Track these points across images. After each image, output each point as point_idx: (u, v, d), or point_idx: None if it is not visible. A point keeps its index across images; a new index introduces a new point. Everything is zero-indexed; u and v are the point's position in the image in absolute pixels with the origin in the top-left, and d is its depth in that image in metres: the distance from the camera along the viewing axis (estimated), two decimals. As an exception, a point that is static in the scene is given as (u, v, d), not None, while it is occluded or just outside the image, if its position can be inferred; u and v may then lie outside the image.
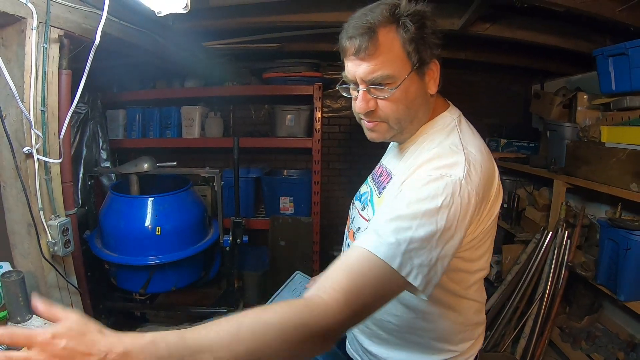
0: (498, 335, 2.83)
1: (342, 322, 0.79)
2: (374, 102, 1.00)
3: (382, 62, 0.95)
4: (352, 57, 0.98)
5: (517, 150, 3.60)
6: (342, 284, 0.80)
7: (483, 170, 0.95)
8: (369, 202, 1.15)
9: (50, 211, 1.62)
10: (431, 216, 0.86)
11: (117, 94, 3.60)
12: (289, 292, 1.44)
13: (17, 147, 1.48)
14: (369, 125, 1.06)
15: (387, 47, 0.95)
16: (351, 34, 0.96)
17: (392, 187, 1.05)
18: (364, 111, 1.01)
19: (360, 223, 1.14)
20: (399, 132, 1.06)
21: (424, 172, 0.93)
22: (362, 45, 0.94)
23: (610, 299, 2.67)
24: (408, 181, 0.95)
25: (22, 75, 1.47)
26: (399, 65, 0.96)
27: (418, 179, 0.92)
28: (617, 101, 2.39)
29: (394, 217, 0.87)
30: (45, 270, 1.60)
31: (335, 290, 0.79)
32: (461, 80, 4.00)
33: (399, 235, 0.84)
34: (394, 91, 0.97)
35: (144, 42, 2.26)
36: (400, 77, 0.96)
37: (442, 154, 0.96)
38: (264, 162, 4.10)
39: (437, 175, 0.90)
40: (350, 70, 1.00)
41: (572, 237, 2.68)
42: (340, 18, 2.45)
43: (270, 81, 3.50)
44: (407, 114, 1.02)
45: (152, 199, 2.41)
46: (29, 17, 1.44)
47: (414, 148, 1.08)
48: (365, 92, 0.99)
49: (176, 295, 3.23)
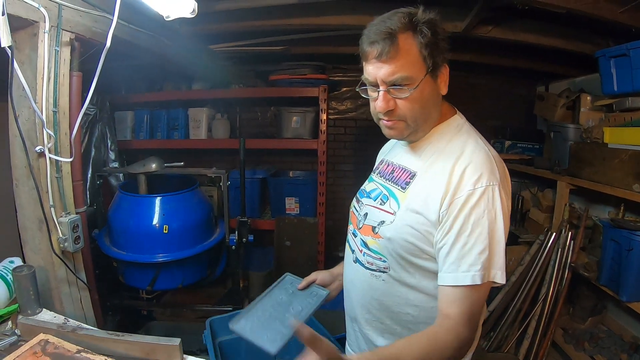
0: (501, 336, 2.83)
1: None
2: (393, 102, 1.08)
3: (401, 65, 1.04)
4: (374, 60, 1.06)
5: (521, 152, 3.60)
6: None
7: (504, 166, 1.13)
8: (391, 196, 1.20)
9: (61, 208, 1.66)
10: (494, 230, 1.03)
11: (125, 96, 3.67)
12: (280, 291, 1.41)
13: (29, 146, 1.52)
14: (387, 123, 1.14)
15: (406, 51, 1.04)
16: (373, 39, 1.04)
17: (427, 189, 1.12)
18: (385, 110, 1.09)
19: (382, 217, 1.18)
20: (415, 130, 1.15)
21: (467, 187, 1.04)
22: (385, 49, 1.02)
23: (613, 301, 2.66)
24: (460, 205, 1.04)
25: (34, 77, 1.52)
26: (416, 68, 1.05)
27: (467, 201, 1.04)
28: (619, 102, 2.40)
29: (470, 248, 1.02)
30: (56, 265, 1.64)
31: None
32: (466, 83, 4.02)
33: (481, 260, 1.01)
34: (413, 91, 1.05)
35: (152, 45, 2.31)
36: (417, 78, 1.05)
37: (476, 161, 1.07)
38: (270, 164, 4.15)
39: (480, 190, 1.03)
40: (372, 72, 1.08)
41: (576, 238, 2.68)
42: (345, 21, 2.51)
43: (276, 83, 3.54)
44: (422, 113, 1.12)
45: (160, 198, 2.45)
46: (41, 21, 1.49)
47: (431, 147, 1.18)
48: (386, 92, 1.07)
49: (182, 293, 3.28)
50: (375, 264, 1.19)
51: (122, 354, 1.19)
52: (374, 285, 1.20)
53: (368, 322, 1.26)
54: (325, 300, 1.37)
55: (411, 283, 1.15)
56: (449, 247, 1.04)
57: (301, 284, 1.43)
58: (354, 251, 1.28)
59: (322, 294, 1.39)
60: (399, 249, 1.12)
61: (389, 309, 1.19)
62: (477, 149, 1.11)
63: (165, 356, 1.20)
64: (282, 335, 1.17)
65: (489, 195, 1.03)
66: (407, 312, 1.18)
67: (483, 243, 1.01)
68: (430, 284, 1.13)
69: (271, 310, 1.30)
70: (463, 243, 1.02)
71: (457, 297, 1.03)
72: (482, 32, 2.54)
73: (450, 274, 1.03)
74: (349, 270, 1.32)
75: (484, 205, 1.02)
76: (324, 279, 1.45)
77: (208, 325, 2.07)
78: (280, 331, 1.18)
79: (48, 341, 1.17)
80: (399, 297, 1.17)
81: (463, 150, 1.11)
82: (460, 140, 1.15)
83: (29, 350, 1.13)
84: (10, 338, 1.26)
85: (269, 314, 1.29)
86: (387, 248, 1.14)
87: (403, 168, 1.24)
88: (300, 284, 1.43)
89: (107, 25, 1.56)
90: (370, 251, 1.19)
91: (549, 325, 2.70)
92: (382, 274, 1.18)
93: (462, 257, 1.02)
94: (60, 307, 1.66)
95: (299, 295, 1.39)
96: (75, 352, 1.14)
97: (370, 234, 1.20)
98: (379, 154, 1.52)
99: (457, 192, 1.05)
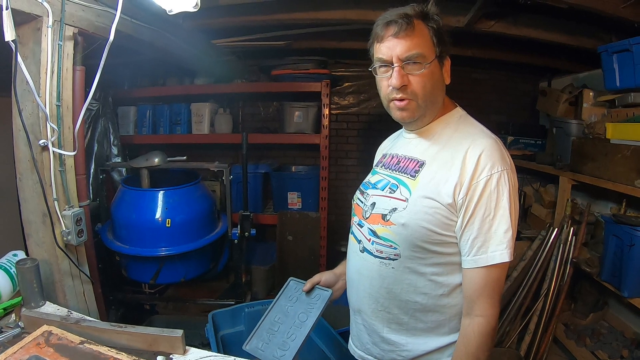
0: (503, 331, 2.84)
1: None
2: (407, 77, 1.15)
3: (417, 42, 1.13)
4: (391, 38, 1.14)
5: (524, 147, 3.59)
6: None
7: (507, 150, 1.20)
8: (401, 185, 1.24)
9: (64, 202, 1.67)
10: (512, 210, 1.11)
11: (128, 91, 3.67)
12: (286, 300, 1.45)
13: (33, 139, 1.53)
14: (400, 104, 1.19)
15: (420, 32, 1.14)
16: (390, 19, 1.14)
17: (438, 175, 1.18)
18: (400, 85, 1.15)
19: (394, 204, 1.21)
20: (424, 113, 1.22)
21: (484, 174, 1.11)
22: (402, 27, 1.12)
23: (615, 297, 2.67)
24: (480, 190, 1.11)
25: (38, 71, 1.53)
26: (429, 48, 1.15)
27: (487, 186, 1.11)
28: (621, 97, 2.39)
29: (496, 229, 1.10)
30: (59, 258, 1.65)
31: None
32: (469, 78, 4.02)
33: (507, 238, 1.10)
34: (427, 66, 1.14)
35: (155, 40, 2.31)
36: (429, 57, 1.15)
37: (489, 148, 1.13)
38: (273, 159, 4.15)
39: (497, 175, 1.10)
40: (387, 51, 1.15)
41: (578, 234, 2.69)
42: (347, 16, 2.51)
43: (278, 78, 3.54)
44: (432, 94, 1.19)
45: (163, 192, 2.46)
46: (44, 15, 1.49)
47: (437, 137, 1.25)
48: (400, 68, 1.14)
49: (185, 288, 3.30)
50: (385, 252, 1.21)
51: (124, 345, 1.21)
52: (383, 274, 1.22)
53: (375, 312, 1.27)
54: (329, 300, 1.40)
55: (421, 270, 1.18)
56: (476, 231, 1.11)
57: (305, 286, 1.46)
58: (360, 241, 1.29)
59: (326, 295, 1.42)
60: (413, 234, 1.15)
61: (397, 297, 1.22)
62: (486, 136, 1.18)
63: (168, 347, 1.21)
64: (293, 348, 1.26)
65: (505, 179, 1.11)
66: (415, 300, 1.21)
67: (507, 223, 1.10)
68: (439, 270, 1.18)
69: (279, 324, 1.36)
70: (489, 226, 1.10)
71: (485, 277, 1.11)
72: (484, 27, 2.53)
73: (481, 256, 1.11)
74: (355, 260, 1.33)
75: (502, 188, 1.10)
76: (327, 279, 1.49)
77: (210, 319, 2.08)
78: (290, 345, 1.27)
79: (51, 332, 1.19)
80: (408, 285, 1.20)
81: (473, 138, 1.17)
82: (467, 129, 1.22)
83: (32, 342, 1.15)
84: (13, 330, 1.27)
85: (278, 327, 1.35)
86: (401, 234, 1.17)
87: (409, 158, 1.28)
88: (304, 286, 1.46)
89: (110, 20, 1.56)
90: (380, 239, 1.22)
91: (551, 320, 2.70)
92: (391, 261, 1.20)
93: (489, 239, 1.10)
94: (64, 300, 1.67)
95: (304, 301, 1.43)
96: (78, 343, 1.15)
97: (380, 222, 1.22)
98: (378, 150, 1.55)
99: (474, 178, 1.11)
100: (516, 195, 1.15)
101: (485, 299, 1.12)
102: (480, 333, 1.12)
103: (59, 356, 1.10)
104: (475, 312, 1.13)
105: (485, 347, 1.13)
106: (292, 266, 3.53)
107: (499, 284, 1.13)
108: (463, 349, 1.15)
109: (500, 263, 1.10)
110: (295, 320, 1.36)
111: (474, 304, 1.13)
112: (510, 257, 1.10)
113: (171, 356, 1.20)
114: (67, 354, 1.11)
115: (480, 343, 1.12)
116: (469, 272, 1.13)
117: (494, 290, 1.13)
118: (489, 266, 1.10)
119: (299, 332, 1.32)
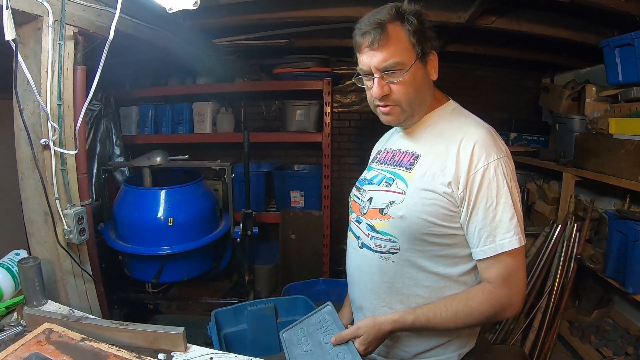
0: (507, 329, 2.83)
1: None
2: (387, 87, 1.16)
3: (392, 51, 1.12)
4: (367, 50, 1.15)
5: (527, 144, 3.58)
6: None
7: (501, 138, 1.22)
8: (396, 178, 1.24)
9: (66, 200, 1.67)
10: (515, 196, 1.12)
11: (130, 91, 3.67)
12: (315, 326, 1.28)
13: (34, 139, 1.53)
14: (384, 109, 1.21)
15: (396, 38, 1.13)
16: (364, 30, 1.14)
17: (434, 167, 1.18)
18: (380, 95, 1.16)
19: (391, 197, 1.21)
20: (411, 114, 1.23)
21: (480, 164, 1.12)
22: (375, 38, 1.11)
23: (620, 294, 2.66)
24: (479, 181, 1.12)
25: (39, 70, 1.53)
26: (406, 54, 1.14)
27: (485, 176, 1.11)
28: (624, 92, 2.37)
29: (501, 218, 1.11)
30: (61, 257, 1.65)
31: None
32: (471, 75, 3.98)
33: (513, 225, 1.10)
34: (405, 74, 1.14)
35: (156, 39, 2.31)
36: (408, 63, 1.14)
37: (482, 138, 1.14)
38: (275, 157, 4.16)
39: (494, 164, 1.11)
40: (365, 61, 1.16)
41: (582, 230, 2.67)
42: (348, 13, 2.51)
43: (280, 77, 3.54)
44: (416, 97, 1.20)
45: (165, 190, 2.46)
46: (45, 15, 1.49)
47: (431, 129, 1.25)
48: (380, 78, 1.15)
49: (188, 287, 3.30)
50: (384, 246, 1.21)
51: (126, 342, 1.21)
52: (384, 268, 1.22)
53: (376, 308, 1.27)
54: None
55: (421, 263, 1.18)
56: (481, 222, 1.11)
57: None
58: (359, 237, 1.29)
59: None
60: (412, 226, 1.15)
61: (399, 291, 1.22)
62: (479, 126, 1.19)
63: (169, 345, 1.21)
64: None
65: (502, 167, 1.12)
66: (417, 293, 1.21)
67: (510, 210, 1.10)
68: (440, 262, 1.18)
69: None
70: (493, 215, 1.11)
71: (494, 263, 1.12)
72: (486, 23, 2.52)
73: (489, 246, 1.11)
74: (354, 257, 1.33)
75: (501, 176, 1.11)
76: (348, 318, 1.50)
77: (213, 317, 2.08)
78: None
79: (52, 330, 1.19)
80: (409, 279, 1.20)
81: (466, 129, 1.18)
82: (460, 121, 1.23)
83: (33, 339, 1.15)
84: (15, 328, 1.28)
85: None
86: (399, 227, 1.17)
87: (404, 152, 1.29)
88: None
89: (110, 19, 1.56)
90: (379, 233, 1.22)
91: (555, 317, 2.69)
92: (391, 255, 1.20)
93: (495, 228, 1.10)
94: (66, 298, 1.67)
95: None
96: (79, 341, 1.15)
97: (378, 217, 1.22)
98: (374, 147, 1.57)
99: (471, 170, 1.12)
100: (515, 180, 1.15)
101: (494, 279, 1.13)
102: (490, 296, 1.12)
103: (60, 353, 1.10)
104: (480, 286, 1.16)
105: (484, 311, 1.13)
106: (295, 265, 3.52)
107: (516, 269, 1.13)
108: (462, 296, 1.16)
109: (511, 250, 1.10)
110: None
111: (483, 282, 1.16)
112: (521, 242, 1.10)
113: (172, 354, 1.20)
114: (67, 352, 1.11)
115: (483, 301, 1.12)
116: (481, 264, 1.15)
117: (512, 277, 1.12)
118: (500, 254, 1.10)
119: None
